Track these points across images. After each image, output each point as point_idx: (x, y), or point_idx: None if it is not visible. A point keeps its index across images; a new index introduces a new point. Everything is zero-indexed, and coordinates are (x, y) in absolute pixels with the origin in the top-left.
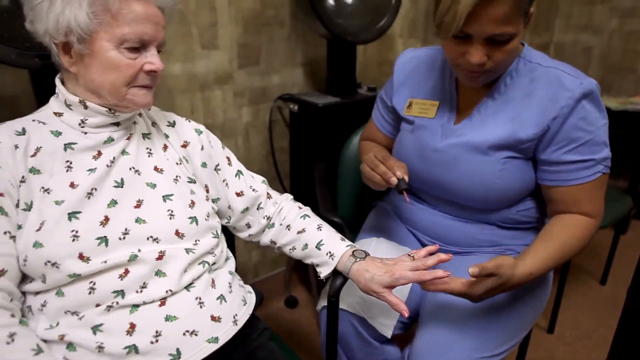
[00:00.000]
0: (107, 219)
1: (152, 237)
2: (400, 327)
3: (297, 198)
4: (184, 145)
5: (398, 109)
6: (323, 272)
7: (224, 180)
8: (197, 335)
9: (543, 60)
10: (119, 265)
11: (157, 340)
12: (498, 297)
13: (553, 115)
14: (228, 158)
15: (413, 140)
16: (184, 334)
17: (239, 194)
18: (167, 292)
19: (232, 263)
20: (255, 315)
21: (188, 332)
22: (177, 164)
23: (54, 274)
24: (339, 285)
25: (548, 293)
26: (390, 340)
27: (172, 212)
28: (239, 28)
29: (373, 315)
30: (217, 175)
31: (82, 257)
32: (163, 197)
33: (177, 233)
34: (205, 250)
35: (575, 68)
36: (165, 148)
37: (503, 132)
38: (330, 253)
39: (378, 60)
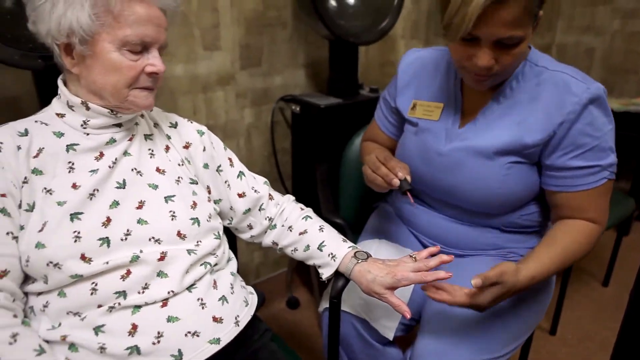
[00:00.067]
0: (109, 220)
1: (153, 238)
2: (402, 328)
3: (298, 199)
4: (186, 147)
5: (402, 110)
6: (325, 273)
7: (226, 182)
8: (198, 336)
9: (549, 64)
10: (121, 266)
11: (159, 341)
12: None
13: (559, 121)
14: (230, 159)
15: (416, 143)
16: (186, 335)
17: (241, 195)
18: (168, 293)
19: (234, 264)
20: (257, 316)
21: (190, 333)
22: (179, 165)
23: (56, 275)
24: (341, 287)
25: (550, 295)
26: (392, 342)
27: (174, 213)
28: (241, 29)
29: (375, 317)
30: (219, 177)
31: (84, 257)
32: (165, 198)
33: (179, 234)
34: (207, 251)
35: (582, 72)
36: (167, 149)
37: (508, 137)
38: (332, 254)
39: (380, 62)
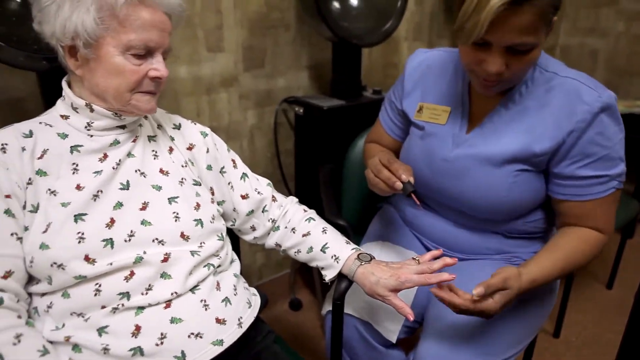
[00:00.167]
0: (112, 221)
1: (157, 239)
2: (405, 331)
3: (302, 201)
4: (190, 148)
5: (408, 113)
6: (328, 275)
7: (229, 183)
8: (202, 338)
9: (560, 69)
10: (125, 267)
11: (162, 343)
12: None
13: (569, 129)
14: (233, 161)
15: (422, 147)
16: (189, 336)
17: (244, 197)
18: (172, 294)
19: (237, 265)
20: (260, 318)
21: (193, 334)
22: (182, 167)
23: (60, 276)
24: (344, 289)
25: (554, 298)
26: (395, 345)
27: (177, 214)
28: (245, 31)
29: (378, 320)
30: (222, 178)
31: (87, 258)
32: (168, 199)
33: (182, 235)
34: (211, 253)
35: (593, 78)
36: (171, 150)
37: (516, 144)
38: (336, 256)
39: (383, 63)
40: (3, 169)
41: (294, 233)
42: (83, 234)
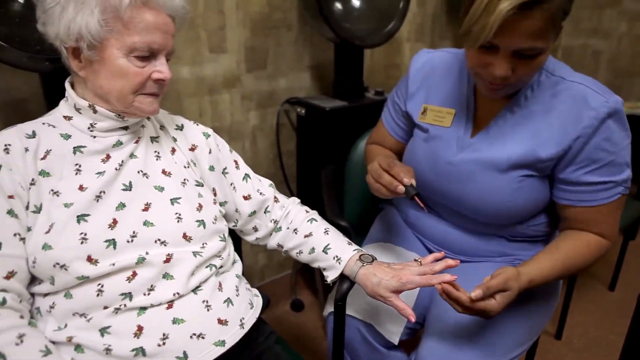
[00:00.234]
0: (115, 222)
1: (159, 240)
2: (407, 332)
3: (303, 201)
4: (192, 149)
5: (412, 115)
6: (330, 276)
7: (232, 184)
8: (204, 338)
9: (566, 73)
10: (127, 268)
11: (164, 343)
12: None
13: (575, 135)
14: (236, 161)
15: (426, 150)
16: (191, 337)
17: (247, 198)
18: (174, 295)
19: (239, 266)
20: (262, 319)
21: (195, 335)
22: (185, 167)
23: (63, 276)
24: (346, 290)
25: (557, 300)
26: (397, 346)
27: (179, 215)
28: (247, 31)
29: (380, 322)
30: (224, 179)
31: (90, 259)
32: (171, 200)
33: (184, 236)
34: (213, 254)
35: (599, 82)
36: (173, 151)
37: (522, 150)
38: (337, 257)
39: (385, 64)
40: (6, 170)
41: (296, 234)
42: (86, 235)
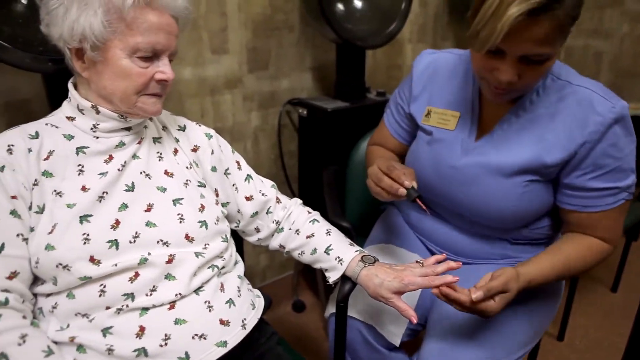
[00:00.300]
0: (117, 223)
1: (162, 240)
2: (409, 333)
3: (305, 202)
4: (194, 150)
5: (416, 117)
6: (332, 277)
7: (234, 185)
8: (205, 339)
9: (572, 77)
10: (129, 269)
11: (166, 344)
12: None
13: (581, 141)
14: (238, 162)
15: (429, 154)
16: (193, 338)
17: (249, 198)
18: (176, 295)
19: (241, 267)
20: (264, 320)
21: (197, 335)
22: (187, 168)
23: (65, 277)
24: (348, 291)
25: (559, 302)
26: (399, 347)
27: (182, 216)
28: (249, 33)
29: (381, 323)
30: (226, 180)
31: (93, 260)
32: (173, 201)
33: (186, 237)
34: (215, 254)
35: (605, 87)
36: (176, 152)
37: (527, 155)
38: (339, 258)
39: (387, 65)
40: (9, 170)
41: (298, 234)
42: (88, 235)
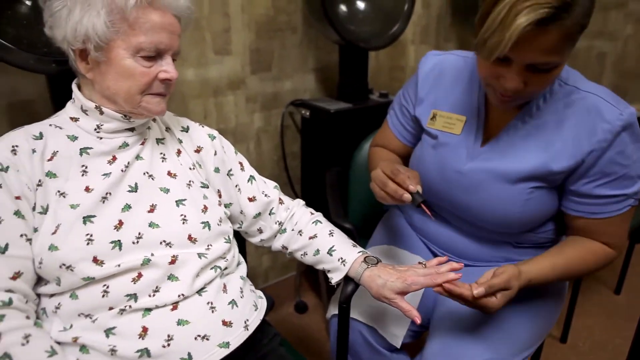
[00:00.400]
0: (121, 223)
1: (165, 241)
2: (411, 335)
3: (308, 203)
4: (197, 151)
5: (421, 120)
6: (334, 278)
7: (237, 186)
8: (208, 340)
9: (580, 83)
10: (132, 269)
11: (169, 344)
12: (511, 306)
13: (589, 149)
14: (241, 163)
15: (434, 158)
16: (196, 339)
17: (251, 199)
18: (179, 296)
19: (243, 268)
20: (266, 321)
21: (199, 336)
22: (190, 169)
23: (69, 277)
24: (350, 292)
25: (562, 303)
26: (400, 349)
27: (185, 216)
28: (252, 34)
29: (383, 325)
30: (229, 181)
31: (96, 260)
32: (176, 201)
33: (189, 238)
34: (218, 255)
35: (613, 93)
36: (179, 153)
37: (534, 162)
38: (342, 259)
39: (390, 66)
40: (13, 171)
41: (301, 235)
42: (92, 236)
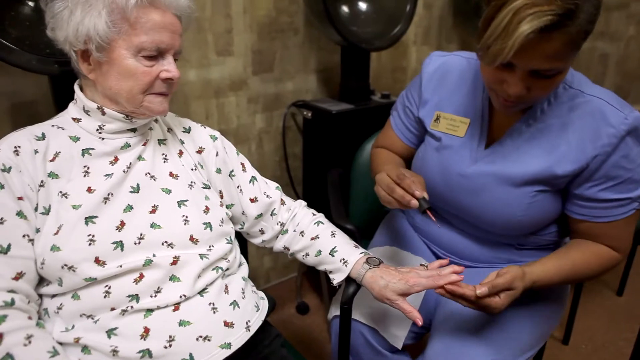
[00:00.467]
0: (122, 224)
1: (166, 242)
2: (413, 336)
3: (309, 204)
4: (199, 151)
5: (425, 122)
6: (336, 278)
7: (238, 186)
8: (210, 341)
9: (585, 87)
10: (134, 270)
11: (170, 345)
12: (513, 308)
13: (594, 154)
14: (242, 164)
15: (438, 160)
16: (197, 339)
17: (253, 200)
18: (181, 297)
19: (245, 269)
20: (268, 322)
21: (201, 337)
22: (192, 170)
23: (71, 277)
24: (352, 293)
25: (565, 305)
26: (402, 350)
27: (186, 217)
28: (254, 35)
29: (384, 326)
30: (231, 181)
31: (98, 261)
32: (178, 202)
33: (191, 238)
34: (219, 256)
35: (618, 96)
36: (181, 154)
37: (538, 166)
38: (344, 260)
39: (392, 67)
40: (16, 171)
41: (303, 236)
42: (93, 237)
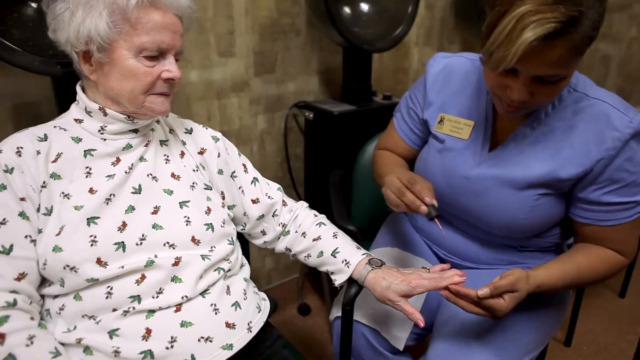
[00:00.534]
0: (124, 225)
1: (168, 243)
2: (414, 338)
3: (311, 205)
4: (201, 152)
5: (429, 123)
6: (338, 280)
7: (240, 187)
8: (211, 342)
9: (589, 89)
10: (136, 271)
11: (172, 346)
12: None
13: (598, 157)
14: (244, 165)
15: (441, 162)
16: (199, 340)
17: (255, 201)
18: (182, 298)
19: (247, 270)
20: (270, 323)
21: (203, 338)
22: (193, 171)
23: (73, 278)
24: (354, 294)
25: (567, 307)
26: (403, 351)
27: (188, 218)
28: (256, 36)
29: (386, 328)
30: (233, 182)
31: (100, 262)
32: (179, 203)
33: (193, 239)
34: (221, 257)
35: (622, 100)
36: (183, 155)
37: (541, 169)
38: (346, 261)
39: (393, 69)
40: (18, 172)
41: (305, 237)
42: (95, 237)
